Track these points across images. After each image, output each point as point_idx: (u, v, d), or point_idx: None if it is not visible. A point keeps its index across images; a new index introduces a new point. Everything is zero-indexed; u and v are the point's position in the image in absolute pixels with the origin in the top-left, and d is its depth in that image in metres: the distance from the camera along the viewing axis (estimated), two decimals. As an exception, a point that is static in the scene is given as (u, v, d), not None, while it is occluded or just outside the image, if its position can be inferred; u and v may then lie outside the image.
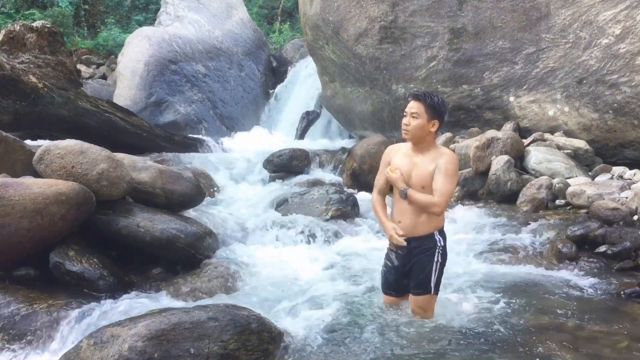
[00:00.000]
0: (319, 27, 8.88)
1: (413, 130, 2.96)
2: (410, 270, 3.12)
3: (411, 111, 2.96)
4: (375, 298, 3.59)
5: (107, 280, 3.75)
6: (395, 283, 3.24)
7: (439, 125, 3.00)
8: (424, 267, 3.07)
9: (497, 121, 7.17)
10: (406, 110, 2.99)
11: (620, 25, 6.01)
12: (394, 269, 3.19)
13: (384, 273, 3.29)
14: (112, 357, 2.44)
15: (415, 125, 2.94)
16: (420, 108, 2.94)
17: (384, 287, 3.33)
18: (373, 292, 3.73)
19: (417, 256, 3.08)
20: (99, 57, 14.98)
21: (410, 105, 2.98)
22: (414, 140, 3.01)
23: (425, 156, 3.01)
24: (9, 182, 3.69)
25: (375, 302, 3.53)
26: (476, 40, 7.11)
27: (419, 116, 2.94)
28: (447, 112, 3.10)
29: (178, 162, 7.65)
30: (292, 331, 3.02)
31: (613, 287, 3.85)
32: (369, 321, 3.24)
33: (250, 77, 13.09)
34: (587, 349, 2.88)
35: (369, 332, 3.07)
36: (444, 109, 3.02)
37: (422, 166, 3.00)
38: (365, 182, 7.09)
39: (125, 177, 4.29)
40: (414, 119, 2.95)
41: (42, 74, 7.48)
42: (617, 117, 6.19)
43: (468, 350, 2.84)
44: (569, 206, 5.45)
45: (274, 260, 4.58)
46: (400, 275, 3.18)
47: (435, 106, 2.94)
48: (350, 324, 3.24)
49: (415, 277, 3.11)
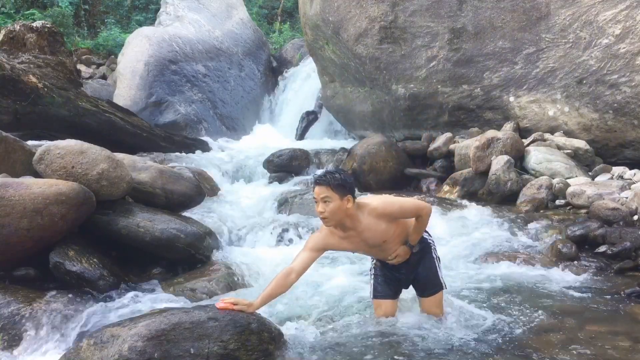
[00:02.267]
0: (319, 27, 8.88)
1: (331, 215, 2.78)
2: (417, 277, 3.15)
3: (321, 196, 2.77)
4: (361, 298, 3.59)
5: (107, 280, 3.75)
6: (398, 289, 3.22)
7: (353, 199, 2.83)
8: (429, 268, 3.12)
9: (497, 121, 7.17)
10: (315, 197, 2.82)
11: (620, 25, 6.01)
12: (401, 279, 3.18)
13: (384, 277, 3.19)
14: (112, 357, 2.44)
15: (331, 210, 2.77)
16: (328, 191, 2.77)
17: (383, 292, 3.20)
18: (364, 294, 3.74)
19: (419, 261, 3.11)
20: (99, 57, 14.98)
21: (317, 191, 2.80)
22: (339, 224, 2.85)
23: (363, 223, 2.88)
24: (9, 182, 3.69)
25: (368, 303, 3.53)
26: (476, 40, 7.11)
27: (331, 199, 2.76)
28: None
29: (178, 162, 7.64)
30: (292, 331, 3.02)
31: (613, 287, 3.85)
32: (369, 321, 3.24)
33: (250, 77, 13.10)
34: (587, 349, 2.88)
35: (369, 332, 3.07)
36: (351, 180, 2.90)
37: (370, 234, 2.90)
38: (365, 182, 7.10)
39: (125, 177, 4.29)
40: (327, 203, 2.77)
41: (42, 74, 7.49)
42: (617, 117, 6.19)
43: (467, 351, 2.84)
44: (569, 206, 5.45)
45: (274, 260, 4.57)
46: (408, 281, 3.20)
47: (341, 184, 2.79)
48: (350, 323, 3.24)
49: (425, 280, 3.14)
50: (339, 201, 2.78)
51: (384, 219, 2.90)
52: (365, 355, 2.79)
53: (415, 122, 8.04)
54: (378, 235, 2.92)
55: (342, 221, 2.85)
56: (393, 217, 2.94)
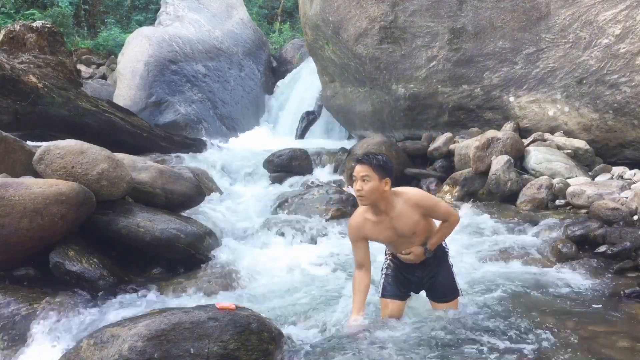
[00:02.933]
0: (319, 27, 8.88)
1: (368, 194, 2.87)
2: (434, 283, 3.15)
3: (361, 175, 2.87)
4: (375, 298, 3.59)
5: (107, 280, 3.75)
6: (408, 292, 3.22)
7: (390, 182, 2.91)
8: (447, 275, 3.14)
9: (497, 121, 7.17)
10: (354, 175, 2.91)
11: (620, 25, 6.01)
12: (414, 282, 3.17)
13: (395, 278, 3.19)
14: (112, 357, 2.44)
15: (369, 189, 2.86)
16: (369, 170, 2.86)
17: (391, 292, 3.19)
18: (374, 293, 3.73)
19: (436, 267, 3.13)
20: (99, 57, 14.99)
21: (358, 169, 2.89)
22: (373, 203, 2.93)
23: (396, 209, 2.95)
24: (9, 182, 3.69)
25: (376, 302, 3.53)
26: (476, 40, 7.11)
27: (371, 178, 2.86)
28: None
29: (178, 162, 7.65)
30: (292, 331, 3.02)
31: (613, 287, 3.85)
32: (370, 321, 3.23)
33: (250, 77, 13.10)
34: (587, 349, 2.88)
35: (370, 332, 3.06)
36: (391, 165, 2.97)
37: (402, 222, 2.96)
38: (365, 182, 7.09)
39: (125, 177, 4.29)
40: (366, 182, 2.86)
41: (42, 74, 7.49)
42: (617, 117, 6.19)
43: (467, 351, 2.84)
44: (569, 206, 5.45)
45: (274, 260, 4.57)
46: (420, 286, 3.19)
47: (382, 165, 2.88)
48: (350, 324, 3.24)
49: (442, 287, 3.16)
50: (377, 182, 2.86)
51: (417, 211, 2.95)
52: (366, 355, 2.79)
53: (415, 122, 8.04)
54: (409, 225, 2.96)
55: (377, 202, 2.92)
56: (426, 211, 2.99)
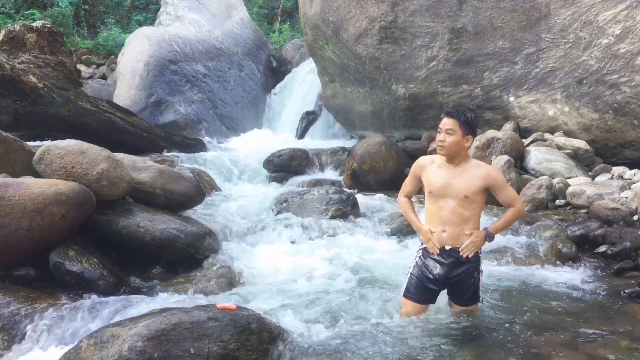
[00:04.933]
0: (319, 27, 8.88)
1: (449, 146, 2.99)
2: (458, 283, 3.11)
3: (446, 127, 2.99)
4: (375, 297, 3.59)
5: (107, 280, 3.75)
6: (430, 293, 3.14)
7: (472, 140, 3.06)
8: (473, 281, 3.11)
9: (497, 121, 7.17)
10: (440, 126, 3.04)
11: (620, 25, 6.01)
12: (434, 279, 3.09)
13: (420, 281, 3.13)
14: (112, 357, 2.44)
15: (451, 142, 2.98)
16: (455, 125, 2.98)
17: (414, 295, 3.14)
18: (374, 292, 3.74)
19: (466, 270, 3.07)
20: (99, 57, 14.98)
21: (445, 121, 3.02)
22: (450, 156, 3.04)
23: (464, 168, 3.05)
24: (9, 182, 3.69)
25: (376, 301, 3.53)
26: (476, 40, 7.11)
27: (454, 132, 2.98)
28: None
29: (178, 162, 7.64)
30: (292, 331, 3.02)
31: (613, 287, 3.85)
32: (370, 320, 3.24)
33: (250, 77, 13.10)
34: (587, 349, 2.88)
35: (370, 331, 3.06)
36: (477, 124, 3.09)
37: (464, 178, 3.03)
38: (365, 182, 7.10)
39: (125, 177, 4.29)
40: (449, 135, 2.98)
41: (42, 74, 7.49)
42: (617, 117, 6.19)
43: (468, 351, 2.84)
44: (569, 206, 5.45)
45: (274, 260, 4.58)
46: (441, 285, 3.13)
47: (469, 122, 3.00)
48: (350, 323, 3.24)
49: (465, 291, 3.13)
50: (460, 137, 2.98)
51: (484, 180, 3.02)
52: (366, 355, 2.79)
53: (415, 122, 8.04)
54: (467, 185, 3.01)
55: (454, 155, 3.03)
56: (493, 185, 3.05)
